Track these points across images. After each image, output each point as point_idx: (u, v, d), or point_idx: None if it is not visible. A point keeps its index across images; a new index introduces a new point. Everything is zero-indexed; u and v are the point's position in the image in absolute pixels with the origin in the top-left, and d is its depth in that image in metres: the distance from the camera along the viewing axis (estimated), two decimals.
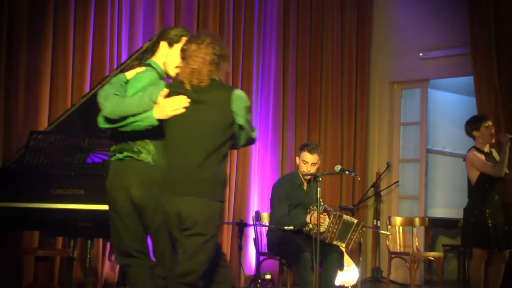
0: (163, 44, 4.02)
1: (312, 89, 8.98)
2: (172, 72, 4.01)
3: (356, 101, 9.31)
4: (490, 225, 5.95)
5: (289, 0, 8.78)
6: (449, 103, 10.24)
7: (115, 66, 6.80)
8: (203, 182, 3.69)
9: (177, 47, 3.94)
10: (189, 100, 3.70)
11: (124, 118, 3.70)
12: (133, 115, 3.70)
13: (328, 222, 5.75)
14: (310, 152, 6.08)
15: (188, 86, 3.71)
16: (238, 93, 3.79)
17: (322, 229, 5.72)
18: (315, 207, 5.80)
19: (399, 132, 9.46)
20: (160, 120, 3.71)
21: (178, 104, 3.69)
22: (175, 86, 3.77)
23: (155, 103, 3.71)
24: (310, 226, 5.74)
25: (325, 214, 5.84)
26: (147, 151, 3.85)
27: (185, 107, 3.69)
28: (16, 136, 6.31)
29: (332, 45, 9.15)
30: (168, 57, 4.01)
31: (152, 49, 4.06)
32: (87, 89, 6.64)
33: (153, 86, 3.79)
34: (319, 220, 5.41)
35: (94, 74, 6.87)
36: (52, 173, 5.02)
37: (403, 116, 9.51)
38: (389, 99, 9.46)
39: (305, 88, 8.90)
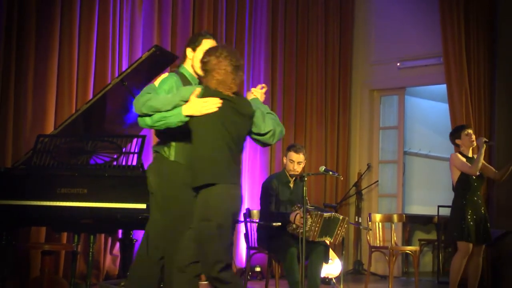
0: (188, 50, 4.15)
1: (298, 96, 8.99)
2: (201, 72, 4.04)
3: (339, 107, 9.33)
4: (470, 221, 6.03)
5: (276, 12, 8.80)
6: (425, 109, 10.27)
7: (116, 74, 6.78)
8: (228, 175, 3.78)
9: (200, 49, 4.06)
10: (221, 101, 3.77)
11: (156, 112, 3.75)
12: (165, 111, 3.75)
13: (311, 222, 5.72)
14: (296, 151, 6.08)
15: (226, 92, 3.81)
16: (253, 103, 3.97)
17: (306, 228, 5.68)
18: (297, 207, 5.80)
19: (378, 135, 9.47)
20: (190, 117, 3.76)
21: (211, 104, 3.75)
22: (209, 91, 3.82)
23: (185, 102, 3.76)
24: (294, 226, 5.72)
25: (308, 214, 5.82)
26: (168, 149, 3.97)
27: (219, 108, 3.76)
28: (25, 139, 6.29)
29: (316, 55, 9.16)
30: (194, 60, 4.09)
31: (182, 56, 4.20)
32: (90, 96, 6.62)
33: (184, 87, 3.86)
34: (305, 217, 5.40)
35: (97, 81, 6.85)
36: (57, 173, 5.00)
37: (382, 121, 9.53)
38: (369, 105, 9.47)
39: (292, 95, 8.91)
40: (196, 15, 7.84)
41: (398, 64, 9.13)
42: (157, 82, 4.00)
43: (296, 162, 6.07)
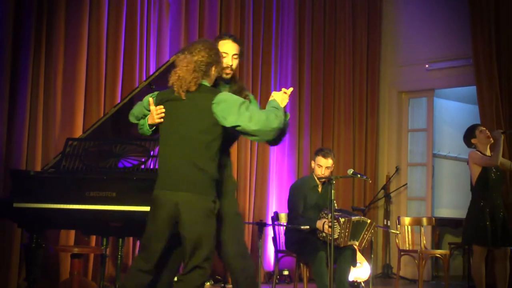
0: None
1: (326, 98, 8.96)
2: (223, 74, 4.02)
3: (367, 109, 9.28)
4: (488, 223, 5.90)
5: (304, 14, 8.77)
6: (454, 111, 10.17)
7: (144, 78, 6.81)
8: (195, 178, 3.64)
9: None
10: (162, 108, 3.75)
11: (137, 120, 3.92)
12: (138, 120, 3.91)
13: (339, 229, 5.68)
14: (324, 156, 6.04)
15: (176, 92, 3.72)
16: (222, 96, 3.71)
17: (334, 236, 5.65)
18: (324, 214, 5.76)
19: (407, 138, 9.42)
20: (154, 125, 3.82)
21: (153, 114, 3.78)
22: (163, 93, 3.82)
23: (148, 110, 3.83)
24: (324, 234, 5.69)
25: (335, 221, 5.77)
26: None
27: (170, 111, 3.73)
28: (54, 142, 6.34)
29: (344, 57, 9.12)
30: None
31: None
32: (118, 99, 6.65)
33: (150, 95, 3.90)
34: (333, 222, 5.37)
35: (125, 85, 6.89)
36: (86, 177, 5.02)
37: (410, 123, 9.47)
38: (397, 107, 9.41)
39: (319, 98, 8.87)
40: (223, 19, 7.85)
41: (427, 65, 9.05)
42: None
43: (324, 167, 6.04)
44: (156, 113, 3.77)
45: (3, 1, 6.04)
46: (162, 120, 3.76)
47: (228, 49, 4.06)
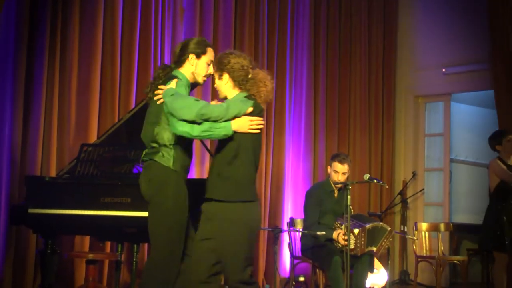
0: (192, 56, 4.05)
1: (341, 103, 8.93)
2: (201, 80, 4.10)
3: (383, 114, 9.24)
4: (506, 229, 5.85)
5: (319, 20, 8.75)
6: (471, 115, 10.11)
7: None
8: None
9: (204, 58, 4.05)
10: (264, 123, 3.89)
11: (206, 121, 3.73)
12: (213, 121, 3.74)
13: (355, 240, 5.65)
14: (341, 162, 6.02)
15: (261, 105, 3.91)
16: None
17: (351, 247, 5.62)
18: (339, 224, 5.75)
19: (423, 142, 9.37)
20: (235, 132, 3.81)
21: (255, 123, 3.84)
22: (257, 107, 3.88)
23: (233, 116, 3.79)
24: (340, 245, 5.67)
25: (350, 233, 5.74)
26: (169, 158, 3.91)
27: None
28: (68, 148, 6.36)
29: (359, 61, 9.10)
30: (197, 67, 4.06)
31: (179, 61, 4.08)
32: (132, 104, 6.67)
33: (239, 101, 3.85)
34: (345, 235, 5.37)
35: (139, 90, 6.89)
36: (101, 182, 5.03)
37: (427, 127, 9.42)
38: (414, 112, 9.37)
39: (335, 102, 8.84)
40: (238, 24, 7.85)
41: (444, 69, 9.00)
42: (179, 87, 3.90)
43: (341, 172, 6.02)
44: (255, 124, 3.84)
45: (18, 14, 6.07)
46: (256, 131, 3.86)
47: (213, 57, 4.14)
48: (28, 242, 6.05)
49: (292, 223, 6.65)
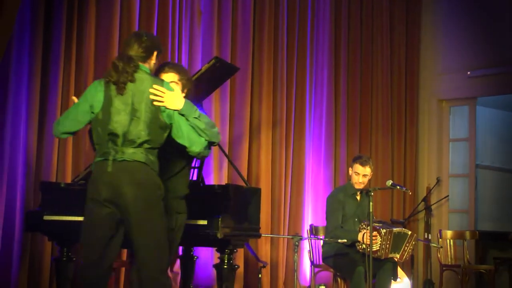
0: (156, 54, 3.94)
1: (363, 107, 8.85)
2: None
3: (406, 118, 9.17)
4: None
5: (340, 22, 8.68)
6: (497, 119, 10.01)
7: None
8: None
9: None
10: None
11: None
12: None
13: (380, 241, 5.59)
14: (362, 164, 5.98)
15: None
16: None
17: (375, 248, 5.57)
18: (364, 225, 5.67)
19: (448, 148, 9.27)
20: None
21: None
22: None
23: None
24: (364, 246, 5.59)
25: (376, 233, 5.68)
26: (156, 163, 3.90)
27: None
28: (84, 154, 6.34)
29: (381, 65, 9.03)
30: (154, 65, 3.99)
31: (146, 56, 3.90)
32: None
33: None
34: (372, 235, 5.28)
35: None
36: None
37: (452, 132, 9.32)
38: (438, 116, 9.28)
39: (356, 106, 8.77)
40: (257, 26, 7.80)
41: (468, 72, 8.90)
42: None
43: (362, 174, 5.97)
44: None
45: (33, 20, 6.08)
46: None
47: None
48: (44, 249, 6.03)
49: (312, 230, 6.59)
